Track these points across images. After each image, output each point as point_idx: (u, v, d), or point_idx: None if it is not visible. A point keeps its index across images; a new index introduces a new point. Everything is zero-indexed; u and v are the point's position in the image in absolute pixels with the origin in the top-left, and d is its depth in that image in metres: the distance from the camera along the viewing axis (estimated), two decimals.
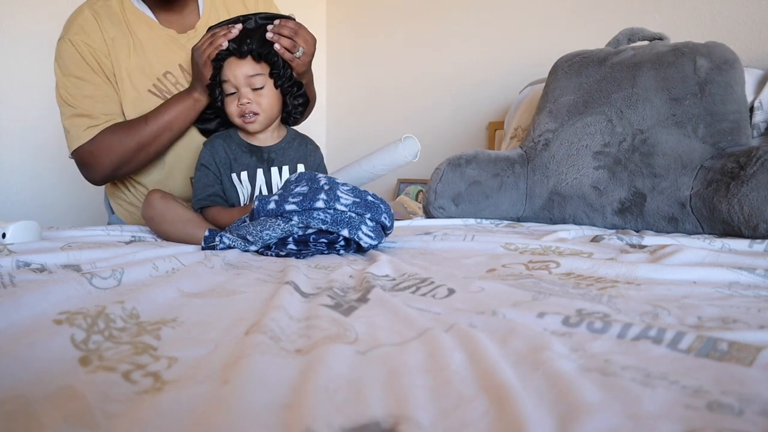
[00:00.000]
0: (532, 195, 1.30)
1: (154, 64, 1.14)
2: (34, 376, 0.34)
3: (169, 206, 0.99)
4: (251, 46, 1.00)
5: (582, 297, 0.55)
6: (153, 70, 1.14)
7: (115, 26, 1.13)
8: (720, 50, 1.18)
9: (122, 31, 1.13)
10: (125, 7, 1.15)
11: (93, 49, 1.10)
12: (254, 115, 1.01)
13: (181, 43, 1.17)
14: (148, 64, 1.14)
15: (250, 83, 1.01)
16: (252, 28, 1.02)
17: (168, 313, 0.49)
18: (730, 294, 0.57)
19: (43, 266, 0.67)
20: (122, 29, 1.13)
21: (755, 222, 0.96)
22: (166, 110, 1.09)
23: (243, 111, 1.01)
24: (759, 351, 0.37)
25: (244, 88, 1.01)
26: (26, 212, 1.79)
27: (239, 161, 1.05)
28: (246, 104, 1.00)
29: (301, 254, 0.86)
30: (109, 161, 1.10)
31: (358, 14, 2.62)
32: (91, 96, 1.10)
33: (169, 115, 1.09)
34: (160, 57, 1.15)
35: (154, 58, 1.14)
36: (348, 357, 0.38)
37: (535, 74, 1.85)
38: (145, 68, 1.14)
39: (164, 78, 1.15)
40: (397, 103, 2.48)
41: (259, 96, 1.01)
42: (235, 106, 1.02)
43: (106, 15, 1.13)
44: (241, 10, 1.21)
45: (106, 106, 1.11)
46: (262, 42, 1.01)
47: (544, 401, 0.31)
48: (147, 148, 1.10)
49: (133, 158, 1.11)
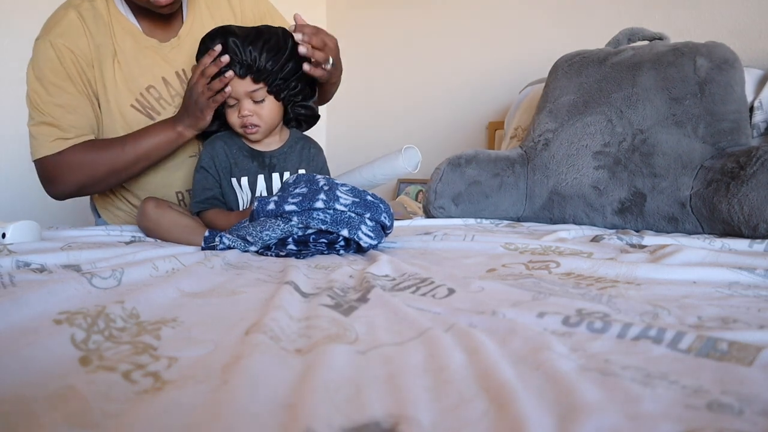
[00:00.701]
0: (532, 195, 1.30)
1: (137, 77, 1.09)
2: (34, 376, 0.34)
3: (165, 214, 0.98)
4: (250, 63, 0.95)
5: (582, 297, 0.55)
6: (136, 83, 1.09)
7: (101, 33, 1.06)
8: (720, 50, 1.18)
9: (107, 39, 1.06)
10: (111, 12, 1.08)
11: (75, 56, 1.03)
12: (255, 127, 1.00)
13: (164, 53, 1.11)
14: (131, 76, 1.08)
15: (251, 96, 0.98)
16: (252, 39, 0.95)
17: (168, 313, 0.49)
18: (730, 294, 0.57)
19: (43, 266, 0.67)
20: (107, 37, 1.07)
21: (755, 222, 0.96)
22: (146, 137, 1.04)
23: (244, 122, 0.99)
24: (759, 351, 0.37)
25: (245, 100, 0.98)
26: (26, 212, 1.78)
27: (240, 166, 1.04)
28: (247, 116, 0.98)
29: (301, 254, 0.86)
30: (76, 179, 1.04)
31: (358, 14, 2.62)
32: (63, 105, 1.02)
33: (148, 144, 1.04)
34: (143, 70, 1.09)
35: (137, 70, 1.09)
36: (348, 357, 0.38)
37: (535, 74, 1.85)
38: (129, 81, 1.08)
39: (147, 92, 1.10)
40: (397, 103, 2.48)
41: (260, 108, 0.99)
42: (236, 117, 1.00)
43: (92, 20, 1.05)
44: (227, 14, 1.17)
45: (76, 118, 1.04)
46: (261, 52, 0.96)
47: (544, 401, 0.31)
48: (119, 173, 1.06)
49: (102, 180, 1.07)
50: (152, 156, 1.06)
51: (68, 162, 1.03)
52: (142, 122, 1.09)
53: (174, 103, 1.12)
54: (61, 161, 1.03)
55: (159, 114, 1.11)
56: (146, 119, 1.10)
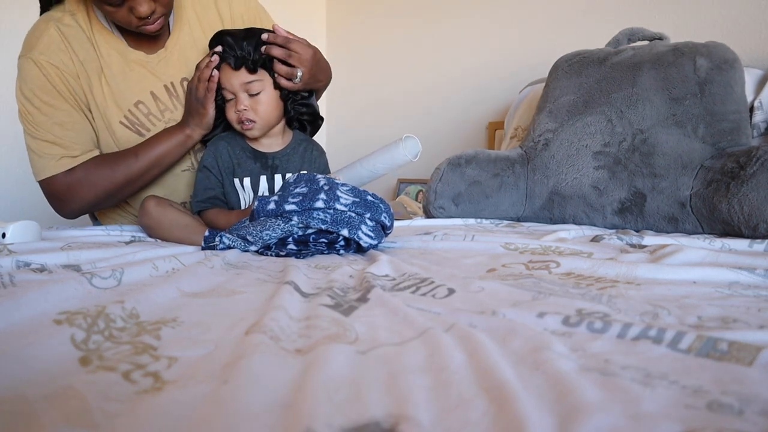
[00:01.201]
0: (532, 195, 1.30)
1: (125, 93, 1.05)
2: (34, 376, 0.34)
3: (165, 212, 0.98)
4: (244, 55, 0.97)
5: (582, 297, 0.55)
6: (124, 100, 1.06)
7: (84, 49, 1.02)
8: (720, 50, 1.18)
9: (91, 55, 1.03)
10: (93, 26, 1.04)
11: (61, 72, 1.00)
12: (251, 122, 1.00)
13: (151, 66, 1.08)
14: (119, 92, 1.05)
15: (246, 89, 0.99)
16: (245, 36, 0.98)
17: (168, 313, 0.49)
18: (730, 294, 0.57)
19: (43, 266, 0.67)
20: (90, 53, 1.03)
21: (755, 222, 0.96)
22: (157, 144, 1.04)
23: (240, 118, 1.00)
24: (759, 351, 0.37)
25: (242, 94, 0.99)
26: (26, 212, 1.78)
27: (243, 166, 1.04)
28: (243, 111, 0.99)
29: (301, 254, 0.86)
30: (91, 196, 1.03)
31: (359, 15, 2.62)
32: (61, 124, 1.00)
33: (160, 150, 1.04)
34: (131, 85, 1.06)
35: (124, 85, 1.05)
36: (348, 357, 0.38)
37: (535, 74, 1.85)
38: (117, 97, 1.05)
39: (135, 108, 1.07)
40: (398, 103, 2.48)
41: (256, 102, 0.99)
42: (233, 113, 1.00)
43: (73, 36, 1.02)
44: (215, 21, 1.15)
45: (77, 135, 1.02)
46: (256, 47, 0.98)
47: (544, 401, 0.31)
48: (133, 183, 1.05)
49: (117, 193, 1.05)
50: (164, 162, 1.05)
51: (80, 180, 1.01)
52: (131, 140, 1.06)
53: (164, 118, 1.10)
54: (71, 180, 1.01)
55: (149, 130, 1.08)
56: (136, 137, 1.07)
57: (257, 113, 1.00)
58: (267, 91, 1.01)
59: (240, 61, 0.98)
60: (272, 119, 1.03)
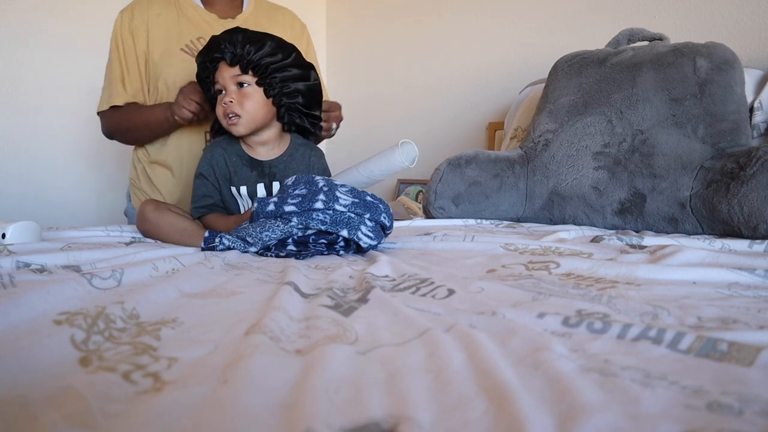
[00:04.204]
0: (532, 195, 1.30)
1: (193, 31, 1.31)
2: (34, 376, 0.34)
3: (163, 217, 0.98)
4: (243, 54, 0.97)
5: (582, 297, 0.55)
6: (190, 34, 1.30)
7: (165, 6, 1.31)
8: (720, 50, 1.18)
9: (169, 9, 1.31)
10: None
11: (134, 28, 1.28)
12: (236, 117, 0.98)
13: (219, 25, 1.31)
14: (187, 30, 1.31)
15: (235, 81, 0.99)
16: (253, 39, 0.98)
17: (168, 313, 0.49)
18: (730, 294, 0.57)
19: (43, 267, 0.67)
20: (170, 7, 1.31)
21: (755, 222, 0.96)
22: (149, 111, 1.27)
23: (225, 111, 0.99)
24: (759, 351, 0.37)
25: (231, 86, 0.99)
26: (26, 212, 1.78)
27: (239, 174, 1.03)
28: (228, 104, 0.98)
29: (300, 255, 0.86)
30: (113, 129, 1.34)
31: (358, 15, 2.62)
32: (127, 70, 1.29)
33: (147, 116, 1.26)
34: (198, 30, 1.31)
35: (193, 29, 1.31)
36: (348, 357, 0.38)
37: (535, 74, 1.85)
38: (183, 32, 1.30)
39: (197, 41, 1.30)
40: (397, 104, 2.48)
41: (243, 96, 0.98)
42: (221, 106, 1.00)
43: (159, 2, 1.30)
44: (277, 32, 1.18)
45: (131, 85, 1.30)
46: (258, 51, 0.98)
47: (544, 401, 0.31)
48: (133, 132, 1.31)
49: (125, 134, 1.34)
50: (152, 128, 1.27)
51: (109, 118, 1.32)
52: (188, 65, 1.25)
53: None
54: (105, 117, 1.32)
55: None
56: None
57: (243, 107, 0.98)
58: (258, 91, 1.00)
59: (237, 59, 0.98)
60: (258, 117, 1.01)
